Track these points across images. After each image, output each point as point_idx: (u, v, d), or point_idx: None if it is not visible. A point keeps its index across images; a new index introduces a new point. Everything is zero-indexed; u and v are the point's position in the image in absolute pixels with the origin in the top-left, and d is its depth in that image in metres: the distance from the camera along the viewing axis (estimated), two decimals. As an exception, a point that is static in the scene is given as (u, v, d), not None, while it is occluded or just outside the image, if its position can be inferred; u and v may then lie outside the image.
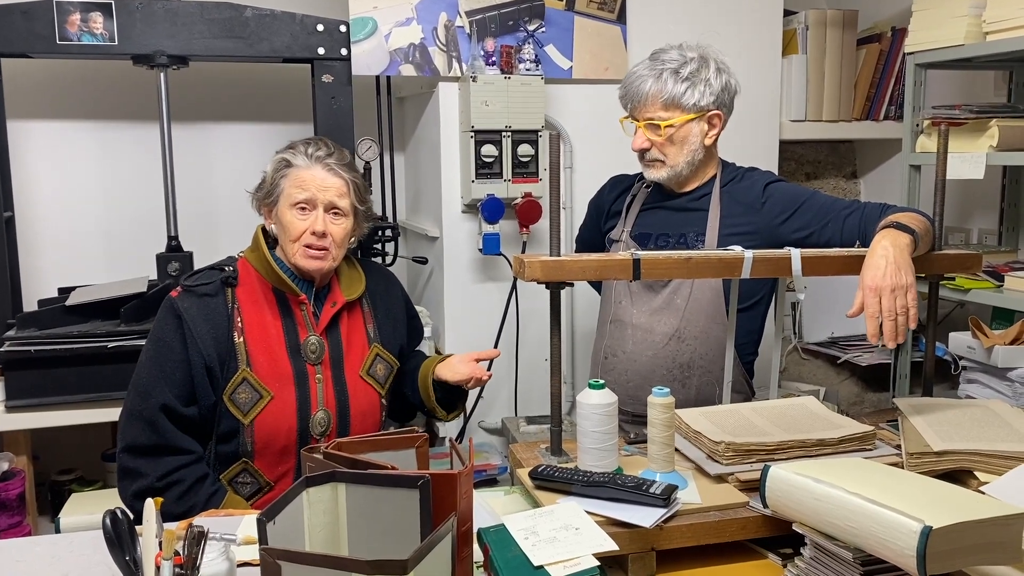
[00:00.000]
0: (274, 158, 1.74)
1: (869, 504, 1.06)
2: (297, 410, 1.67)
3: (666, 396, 1.35)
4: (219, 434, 1.66)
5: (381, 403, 1.80)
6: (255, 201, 1.77)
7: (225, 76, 2.81)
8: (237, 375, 1.64)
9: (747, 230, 1.85)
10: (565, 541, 1.15)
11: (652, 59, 1.87)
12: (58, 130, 2.71)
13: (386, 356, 1.82)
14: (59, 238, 2.73)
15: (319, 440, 1.69)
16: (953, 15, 2.38)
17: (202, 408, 1.64)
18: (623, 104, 1.92)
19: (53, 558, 1.34)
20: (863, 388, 3.04)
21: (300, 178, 1.68)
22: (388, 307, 1.87)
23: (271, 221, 1.74)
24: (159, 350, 1.64)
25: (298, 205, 1.67)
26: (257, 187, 1.77)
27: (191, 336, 1.63)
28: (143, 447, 1.60)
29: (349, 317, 1.78)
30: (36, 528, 2.30)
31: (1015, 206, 2.69)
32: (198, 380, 1.63)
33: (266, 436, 1.65)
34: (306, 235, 1.67)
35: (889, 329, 1.41)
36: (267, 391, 1.65)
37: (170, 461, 1.60)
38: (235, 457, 1.66)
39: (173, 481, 1.59)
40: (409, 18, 2.48)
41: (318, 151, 1.70)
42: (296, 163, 1.69)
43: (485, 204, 2.46)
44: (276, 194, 1.70)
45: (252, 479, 1.68)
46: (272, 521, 0.98)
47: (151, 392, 1.61)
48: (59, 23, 2.25)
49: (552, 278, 1.49)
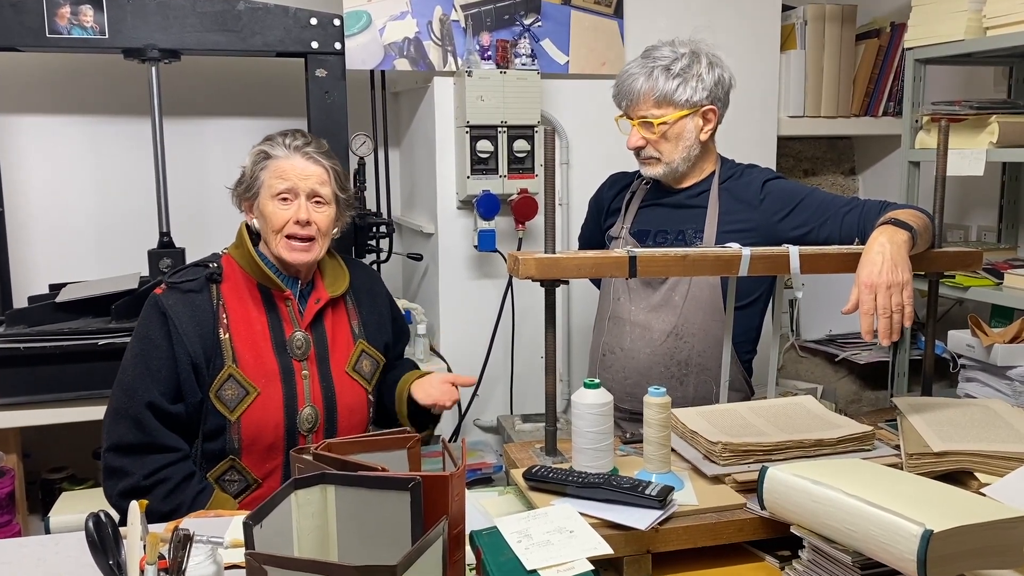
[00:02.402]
0: (252, 151, 1.73)
1: (868, 507, 1.04)
2: (284, 406, 1.66)
3: (662, 396, 1.33)
4: (205, 432, 1.64)
5: (368, 399, 1.78)
6: (235, 197, 1.76)
7: (217, 70, 2.78)
8: (223, 372, 1.63)
9: (745, 227, 1.83)
10: (559, 544, 1.13)
11: (644, 56, 1.86)
12: (48, 125, 2.68)
13: (372, 352, 1.81)
14: (50, 234, 2.71)
15: (307, 437, 1.68)
16: (953, 10, 2.36)
17: (188, 406, 1.63)
18: (617, 103, 1.90)
19: (40, 560, 1.32)
20: (861, 386, 3.03)
21: (280, 168, 1.67)
22: (373, 304, 1.86)
23: (252, 215, 1.73)
24: (144, 348, 1.63)
25: (280, 195, 1.67)
26: (236, 182, 1.75)
27: (176, 333, 1.61)
28: (129, 445, 1.59)
29: (333, 313, 1.77)
30: (26, 527, 2.28)
31: (1015, 203, 2.68)
32: (184, 377, 1.61)
33: (253, 433, 1.64)
34: (289, 225, 1.66)
35: (883, 326, 1.39)
36: (253, 387, 1.64)
37: (156, 459, 1.59)
38: (222, 455, 1.65)
39: (159, 479, 1.58)
40: (404, 12, 2.46)
41: (296, 141, 1.70)
42: (275, 154, 1.68)
43: (480, 200, 2.44)
44: (256, 187, 1.70)
45: (240, 476, 1.66)
46: (259, 524, 0.96)
47: (137, 390, 1.60)
48: (48, 16, 2.22)
49: (547, 275, 1.47)
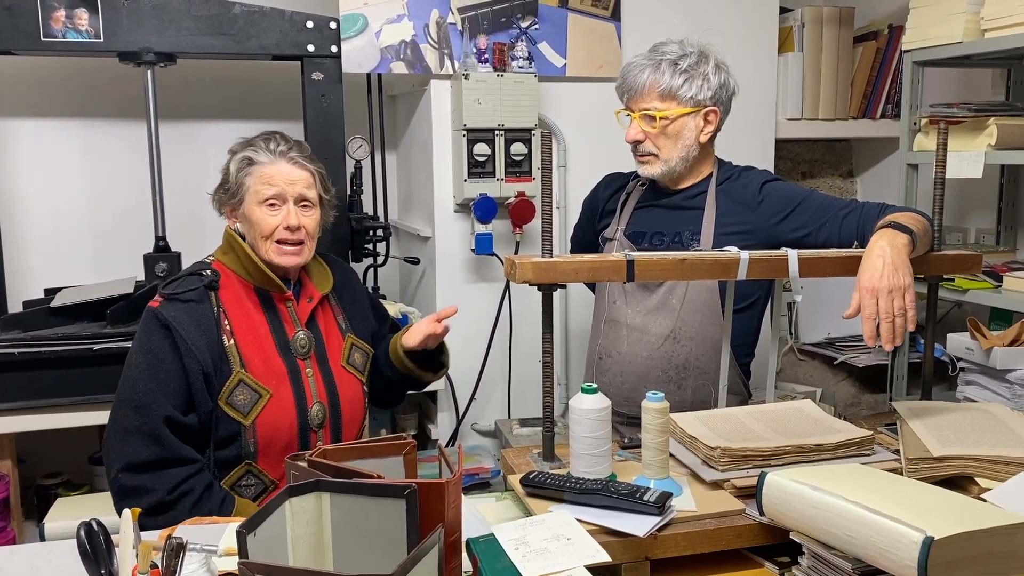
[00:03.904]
0: (234, 157, 1.72)
1: (868, 513, 1.04)
2: (296, 405, 1.66)
3: (660, 401, 1.32)
4: (217, 440, 1.63)
5: (363, 390, 1.81)
6: (215, 202, 1.76)
7: (213, 73, 2.77)
8: (232, 378, 1.62)
9: (743, 229, 1.82)
10: (556, 552, 1.12)
11: (652, 51, 1.86)
12: (43, 128, 2.67)
13: (361, 345, 1.83)
14: (45, 238, 2.70)
15: (318, 432, 1.69)
16: (951, 12, 2.36)
17: (200, 416, 1.61)
18: (619, 95, 1.90)
19: (32, 568, 1.31)
20: (860, 389, 3.02)
21: (266, 174, 1.67)
22: (353, 297, 1.88)
23: (235, 220, 1.73)
24: (152, 363, 1.59)
25: (267, 201, 1.67)
26: (219, 187, 1.75)
27: (184, 345, 1.59)
28: (145, 463, 1.55)
29: (322, 311, 1.79)
30: (21, 533, 2.26)
31: (1013, 205, 2.67)
32: (196, 388, 1.59)
33: (269, 435, 1.64)
34: (279, 230, 1.67)
35: (886, 331, 1.38)
36: (266, 390, 1.64)
37: (176, 473, 1.56)
38: (236, 460, 1.63)
39: (184, 492, 1.55)
40: (400, 15, 2.45)
41: (280, 146, 1.70)
42: (260, 160, 1.68)
43: (478, 203, 2.43)
44: (241, 193, 1.69)
45: (256, 480, 1.65)
46: (253, 533, 0.95)
47: (151, 406, 1.56)
48: (44, 19, 2.21)
49: (544, 280, 1.46)
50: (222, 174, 1.74)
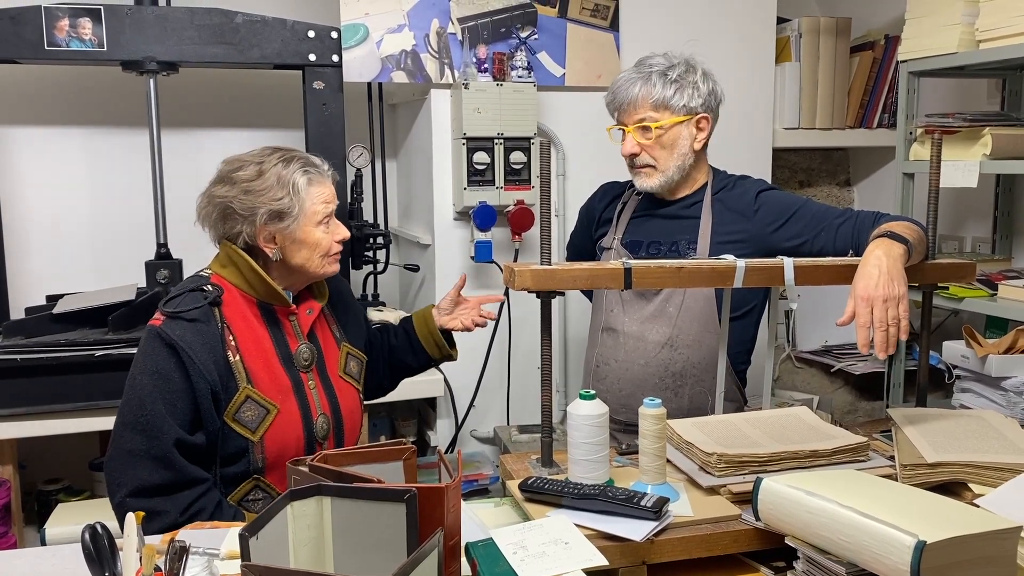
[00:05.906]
0: (283, 181, 1.60)
1: (862, 518, 1.05)
2: (302, 419, 1.66)
3: (657, 407, 1.33)
4: (224, 456, 1.61)
5: (360, 398, 1.82)
6: (247, 229, 1.61)
7: (215, 82, 2.79)
8: (239, 394, 1.59)
9: (739, 238, 1.84)
10: (554, 556, 1.13)
11: (638, 65, 1.88)
12: (47, 136, 2.69)
13: (356, 353, 1.84)
14: (47, 245, 2.71)
15: (323, 444, 1.69)
16: (946, 23, 2.38)
17: (208, 434, 1.59)
18: (611, 111, 1.92)
19: (35, 572, 1.32)
20: (857, 397, 3.03)
21: (323, 194, 1.66)
22: (345, 305, 1.88)
23: (273, 246, 1.63)
24: (159, 384, 1.55)
25: (323, 220, 1.65)
26: (269, 216, 1.60)
27: (192, 364, 1.55)
28: (155, 487, 1.53)
29: (319, 322, 1.78)
30: (22, 539, 2.27)
31: (1008, 214, 2.69)
32: (204, 407, 1.57)
33: (277, 450, 1.62)
34: (334, 245, 1.68)
35: (880, 340, 1.40)
36: (273, 405, 1.62)
37: (187, 495, 1.54)
38: (244, 476, 1.62)
39: (195, 512, 1.53)
40: (401, 25, 2.47)
41: (324, 164, 1.69)
42: (318, 180, 1.65)
43: (477, 211, 2.44)
44: (293, 215, 1.61)
45: (264, 495, 1.64)
46: (255, 536, 0.96)
47: (162, 429, 1.53)
48: (47, 29, 2.23)
49: (543, 287, 1.47)
50: (269, 208, 1.59)
